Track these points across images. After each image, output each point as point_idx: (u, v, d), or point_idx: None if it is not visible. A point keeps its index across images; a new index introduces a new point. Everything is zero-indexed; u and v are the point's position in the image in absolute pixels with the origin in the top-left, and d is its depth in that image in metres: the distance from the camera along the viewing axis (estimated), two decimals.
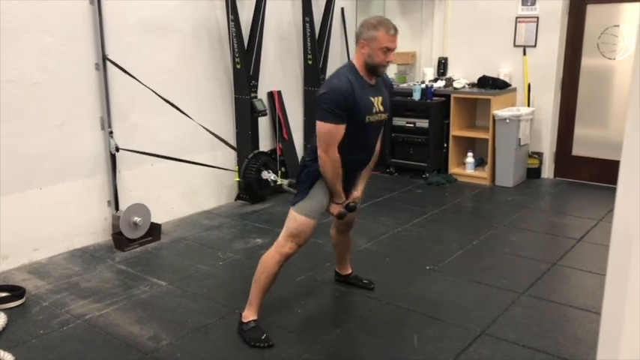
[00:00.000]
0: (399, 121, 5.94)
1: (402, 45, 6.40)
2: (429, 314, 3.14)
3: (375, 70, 2.77)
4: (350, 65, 2.80)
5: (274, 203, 5.12)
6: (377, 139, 2.98)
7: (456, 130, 5.85)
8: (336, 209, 2.92)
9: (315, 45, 5.54)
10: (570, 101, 5.70)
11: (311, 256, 3.89)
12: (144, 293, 3.42)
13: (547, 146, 5.84)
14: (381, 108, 2.84)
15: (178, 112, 4.25)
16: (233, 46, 4.82)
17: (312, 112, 5.71)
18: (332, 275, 3.58)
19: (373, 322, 3.07)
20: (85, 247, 4.10)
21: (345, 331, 2.99)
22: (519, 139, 5.50)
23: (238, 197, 5.20)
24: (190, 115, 4.40)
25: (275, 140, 5.50)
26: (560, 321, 3.07)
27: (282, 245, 2.84)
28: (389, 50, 2.72)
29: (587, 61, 5.57)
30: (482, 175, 5.77)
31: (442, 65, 6.23)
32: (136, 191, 4.37)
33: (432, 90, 5.77)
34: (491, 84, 5.69)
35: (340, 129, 2.70)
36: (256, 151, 5.03)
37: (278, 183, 4.54)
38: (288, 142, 5.51)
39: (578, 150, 5.75)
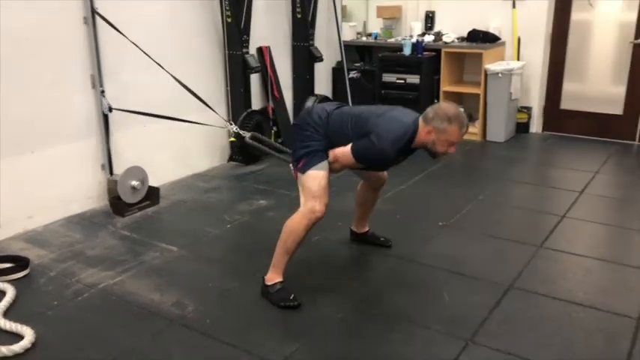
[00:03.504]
0: (389, 78, 5.83)
1: None
2: (454, 270, 3.11)
3: (432, 155, 2.70)
4: (414, 130, 2.64)
5: (269, 164, 4.98)
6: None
7: (446, 86, 5.79)
8: None
9: None
10: (559, 55, 5.70)
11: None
12: (155, 259, 3.27)
13: (536, 100, 5.86)
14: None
15: (169, 69, 4.01)
16: None
17: (302, 68, 5.56)
18: (346, 234, 3.50)
19: (400, 280, 3.03)
20: (81, 213, 3.89)
21: (374, 289, 2.94)
22: (511, 93, 5.49)
23: (231, 159, 5.03)
24: (180, 74, 4.20)
25: (265, 99, 5.32)
26: (582, 272, 3.10)
27: (309, 211, 2.74)
28: (454, 144, 2.63)
29: (577, 15, 5.54)
30: (472, 131, 5.74)
31: (430, 19, 6.11)
32: (129, 154, 4.14)
33: (423, 45, 5.67)
34: (482, 38, 5.63)
35: (358, 165, 2.79)
36: (249, 110, 4.85)
37: (242, 136, 4.03)
38: (279, 101, 5.33)
39: (566, 104, 5.79)
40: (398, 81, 5.79)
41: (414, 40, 5.77)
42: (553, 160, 5.26)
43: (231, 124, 4.00)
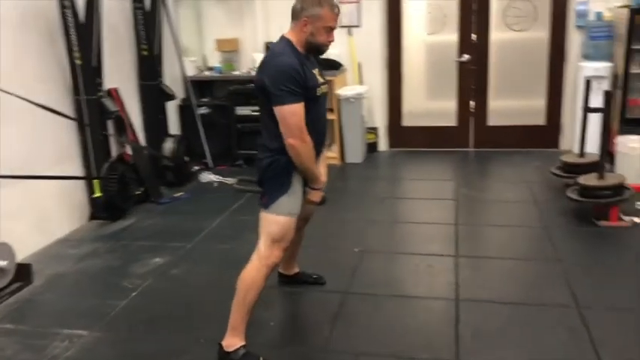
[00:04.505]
0: (243, 111, 5.69)
1: (224, 32, 6.17)
2: (396, 294, 3.11)
3: (317, 49, 2.56)
4: (287, 42, 2.51)
5: (139, 217, 4.47)
6: (326, 114, 2.80)
7: None
8: (317, 195, 2.68)
9: (149, 33, 4.94)
10: (396, 77, 6.11)
11: (229, 263, 3.52)
12: (67, 350, 2.69)
13: (380, 121, 6.20)
14: (321, 79, 2.64)
15: (16, 122, 3.41)
16: (69, 38, 4.02)
17: (153, 108, 5.16)
18: (272, 278, 3.27)
19: (354, 317, 2.91)
20: None
21: (335, 334, 2.75)
22: (363, 116, 5.73)
23: (93, 217, 4.41)
24: (28, 127, 3.64)
25: (120, 145, 4.78)
26: (506, 273, 3.33)
27: (267, 256, 2.51)
28: (332, 29, 2.53)
29: (408, 39, 6.01)
30: (331, 155, 5.85)
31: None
32: None
33: None
34: (328, 65, 5.78)
35: (302, 107, 2.43)
36: (112, 160, 4.33)
37: (229, 183, 3.49)
38: (137, 145, 4.84)
39: (407, 121, 6.22)
40: (253, 113, 5.66)
41: None
42: (413, 173, 5.58)
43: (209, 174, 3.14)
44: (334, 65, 5.81)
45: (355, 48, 5.99)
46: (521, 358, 2.47)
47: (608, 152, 4.25)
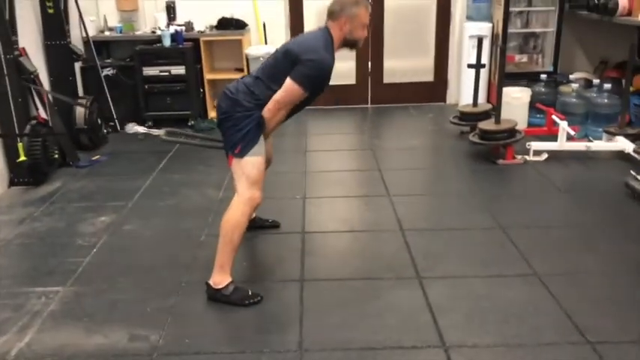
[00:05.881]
0: (150, 71, 5.61)
1: None
2: (348, 229, 3.48)
3: (354, 45, 2.84)
4: (330, 38, 2.75)
5: (63, 180, 4.36)
6: None
7: (209, 74, 5.89)
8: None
9: None
10: None
11: (179, 216, 3.69)
12: (48, 305, 2.71)
13: None
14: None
15: None
16: None
17: (61, 69, 4.99)
18: None
19: (319, 250, 3.22)
20: None
21: (307, 265, 3.04)
22: None
23: (13, 183, 4.22)
24: None
25: (32, 107, 4.56)
26: (435, 206, 3.82)
27: (249, 197, 2.71)
28: (366, 26, 2.82)
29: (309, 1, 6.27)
30: None
31: (172, 10, 6.04)
32: None
33: (183, 35, 5.63)
34: (234, 25, 5.88)
35: (305, 95, 2.71)
36: (33, 122, 4.15)
37: (155, 134, 3.34)
38: (51, 108, 4.65)
39: None
40: (162, 74, 5.62)
41: (173, 30, 5.65)
42: (325, 128, 5.84)
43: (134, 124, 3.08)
44: (240, 25, 5.93)
45: (258, 8, 6.13)
46: (469, 269, 2.94)
47: (491, 102, 4.91)
